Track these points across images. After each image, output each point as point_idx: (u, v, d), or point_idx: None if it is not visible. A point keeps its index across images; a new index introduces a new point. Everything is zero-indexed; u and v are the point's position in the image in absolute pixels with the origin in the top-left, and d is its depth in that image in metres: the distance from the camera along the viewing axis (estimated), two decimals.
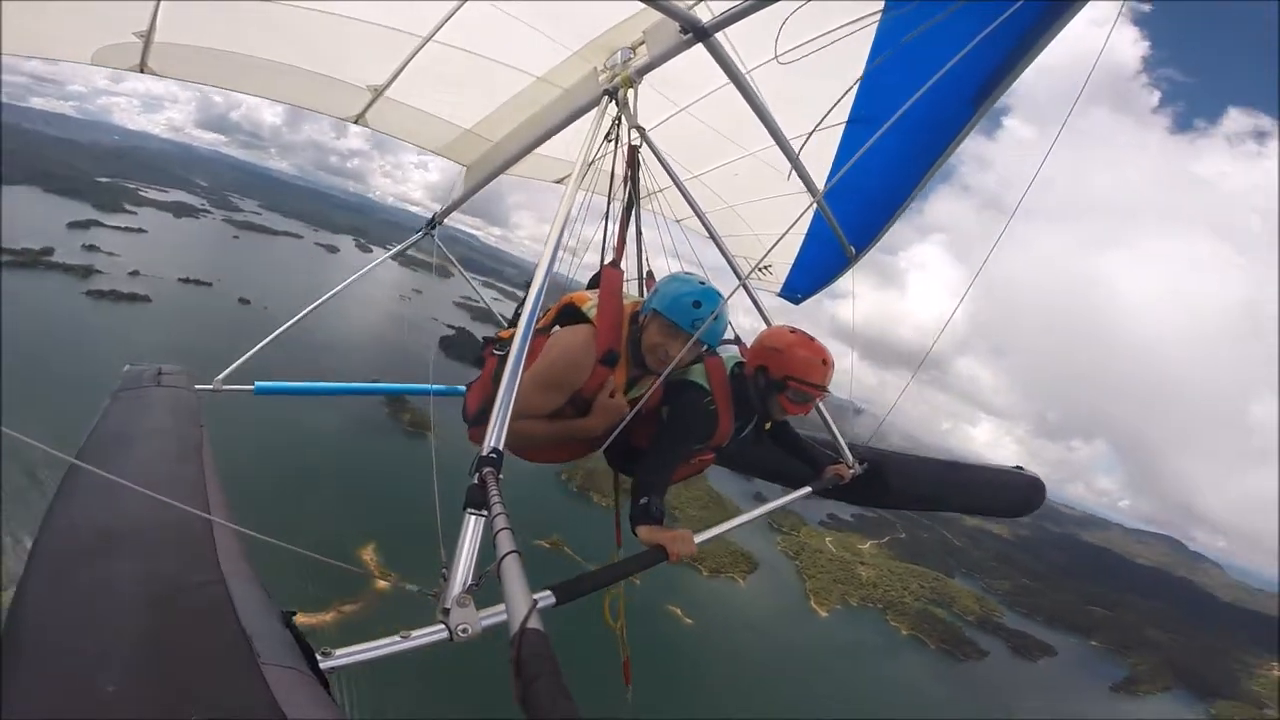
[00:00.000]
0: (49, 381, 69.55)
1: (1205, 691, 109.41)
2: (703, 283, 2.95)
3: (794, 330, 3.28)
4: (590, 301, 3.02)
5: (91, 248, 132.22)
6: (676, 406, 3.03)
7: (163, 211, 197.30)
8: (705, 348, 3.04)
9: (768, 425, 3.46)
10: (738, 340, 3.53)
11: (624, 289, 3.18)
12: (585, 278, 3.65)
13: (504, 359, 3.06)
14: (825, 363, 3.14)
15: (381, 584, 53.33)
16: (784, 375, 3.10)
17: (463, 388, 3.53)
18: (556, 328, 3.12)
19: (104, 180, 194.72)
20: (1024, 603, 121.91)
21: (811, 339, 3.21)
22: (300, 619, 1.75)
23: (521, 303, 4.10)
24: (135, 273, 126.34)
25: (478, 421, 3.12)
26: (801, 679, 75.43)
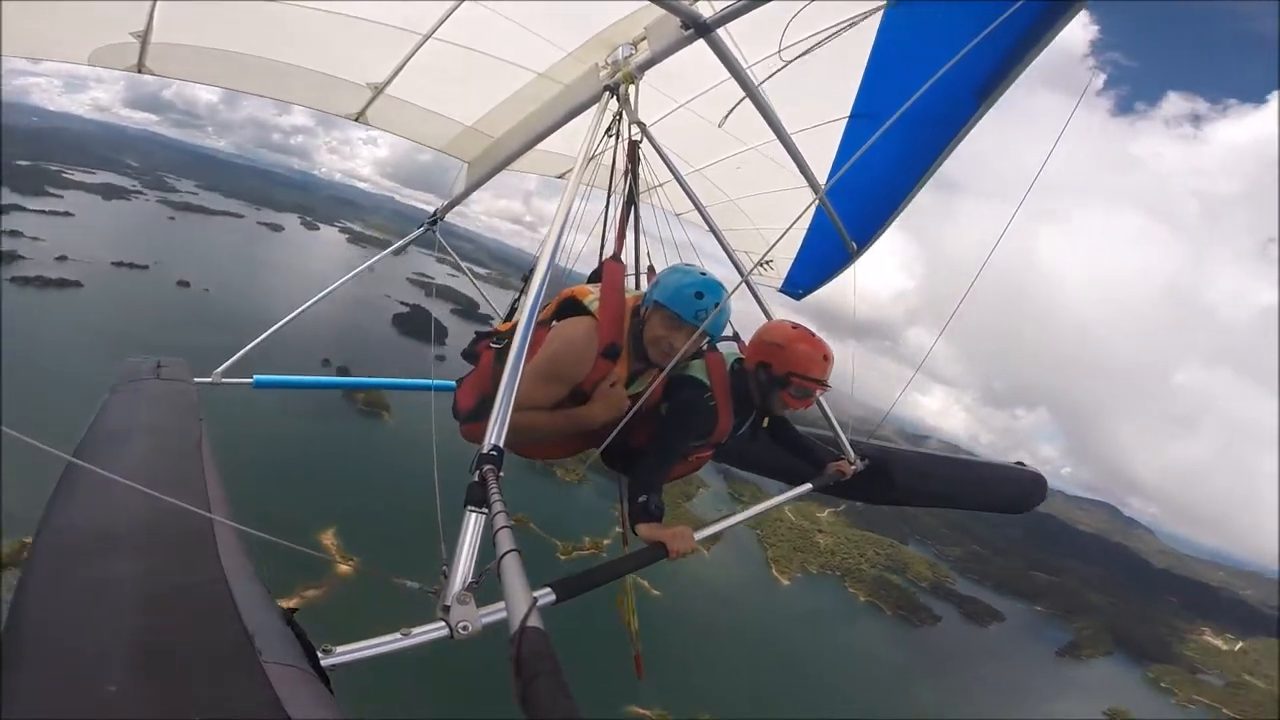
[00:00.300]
0: None
1: (1143, 655, 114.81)
2: (704, 273, 2.93)
3: (795, 325, 3.27)
4: (592, 295, 2.98)
5: (14, 233, 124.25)
6: (675, 402, 3.00)
7: (90, 194, 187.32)
8: (708, 340, 3.01)
9: (765, 422, 3.44)
10: (736, 337, 3.50)
11: (625, 283, 3.15)
12: (576, 268, 3.62)
13: (501, 352, 3.01)
14: (826, 358, 3.14)
15: (343, 568, 53.39)
16: (787, 371, 3.09)
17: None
18: (554, 322, 3.09)
19: (24, 164, 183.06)
20: (974, 569, 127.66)
21: (812, 334, 3.20)
22: None
23: (519, 296, 4.02)
24: (63, 258, 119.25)
25: (473, 417, 3.08)
26: (766, 648, 77.10)
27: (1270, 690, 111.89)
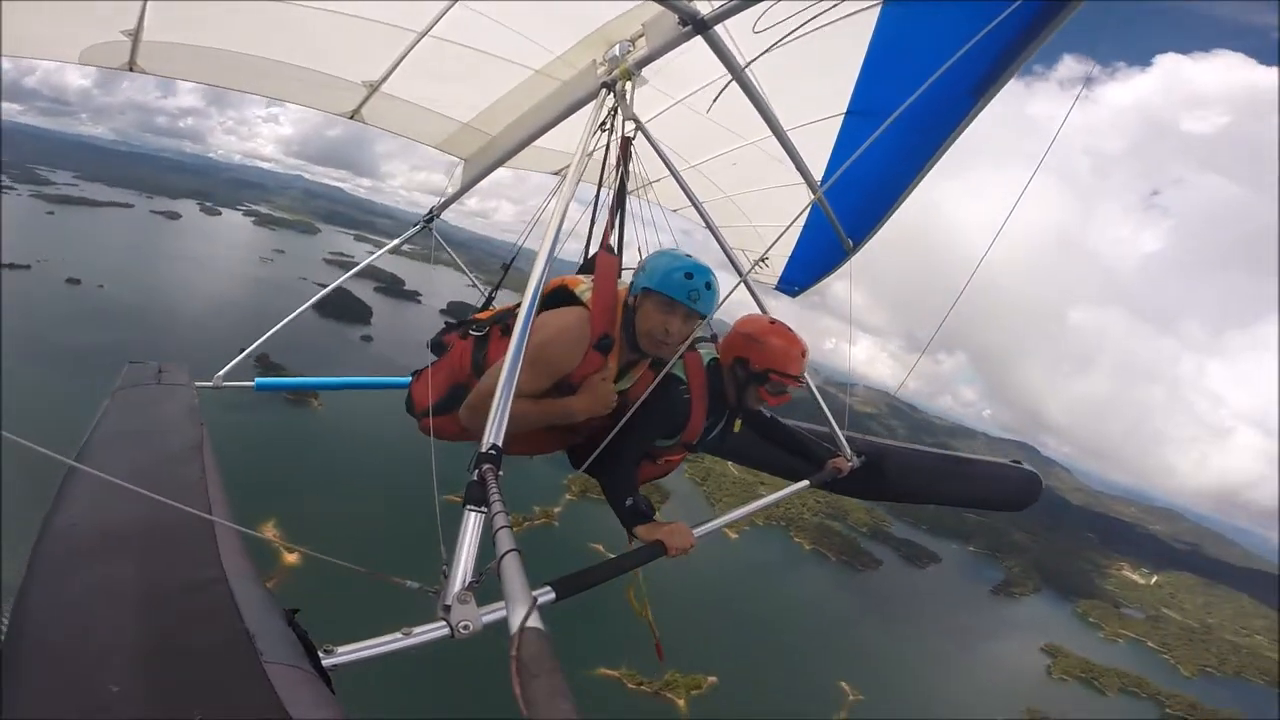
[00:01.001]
0: None
1: (1069, 591, 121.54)
2: (688, 256, 2.86)
3: (772, 320, 3.25)
4: (584, 284, 2.91)
5: None
6: (649, 394, 2.90)
7: None
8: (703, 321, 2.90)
9: (737, 425, 3.39)
10: (714, 338, 3.43)
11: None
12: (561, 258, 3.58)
13: (481, 340, 2.95)
14: (803, 354, 3.13)
15: (290, 558, 53.73)
16: (765, 368, 3.06)
17: None
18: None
19: None
20: (910, 512, 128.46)
21: (788, 329, 3.17)
22: None
23: (496, 286, 4.05)
24: None
25: (442, 410, 2.97)
26: (720, 603, 78.24)
27: (1186, 622, 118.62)
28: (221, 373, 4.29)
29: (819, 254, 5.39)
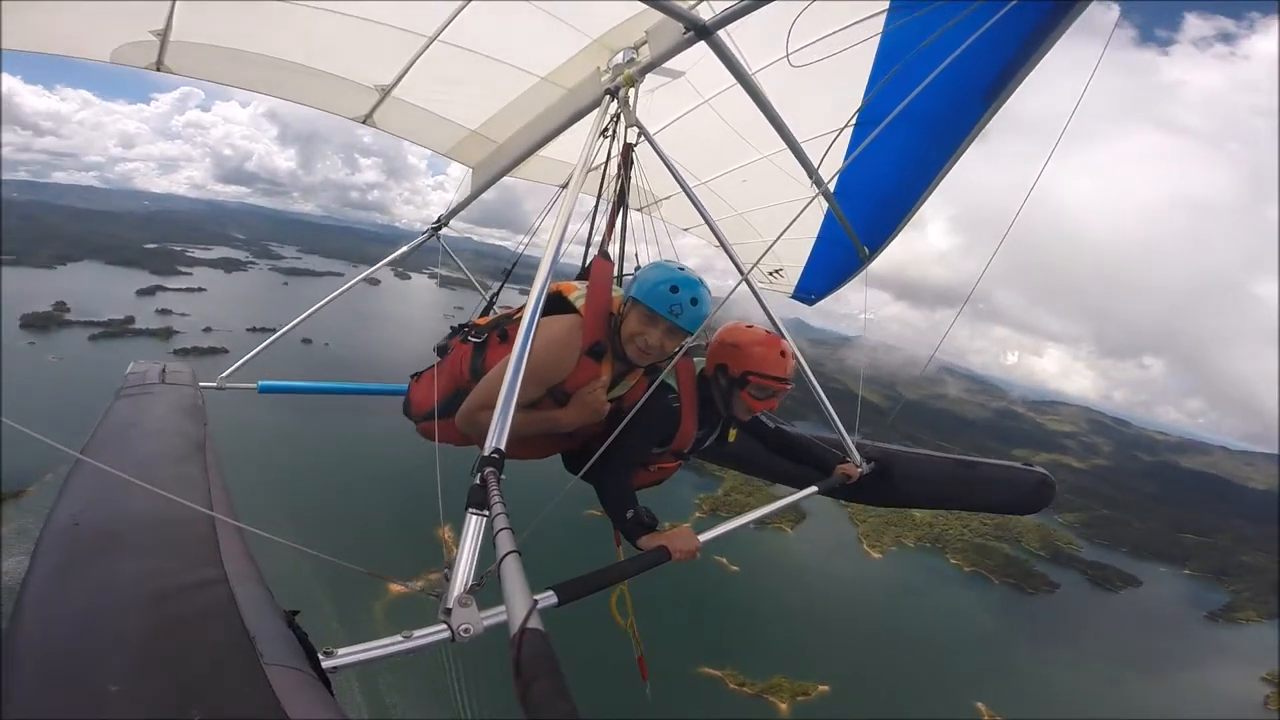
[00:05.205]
0: None
1: None
2: (683, 268, 2.85)
3: (750, 325, 3.22)
4: (578, 291, 2.91)
5: (164, 311, 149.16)
6: (640, 402, 2.87)
7: (214, 269, 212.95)
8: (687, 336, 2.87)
9: (732, 434, 3.36)
10: (705, 347, 3.40)
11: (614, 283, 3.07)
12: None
13: (480, 347, 2.96)
14: (784, 354, 3.08)
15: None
16: (743, 371, 3.03)
17: None
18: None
19: (152, 246, 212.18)
20: (1104, 534, 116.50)
21: (768, 332, 3.14)
22: None
23: (495, 293, 4.12)
24: (208, 329, 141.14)
25: (443, 413, 2.99)
26: (847, 615, 74.71)
27: None
28: (225, 374, 4.34)
29: (834, 262, 5.38)
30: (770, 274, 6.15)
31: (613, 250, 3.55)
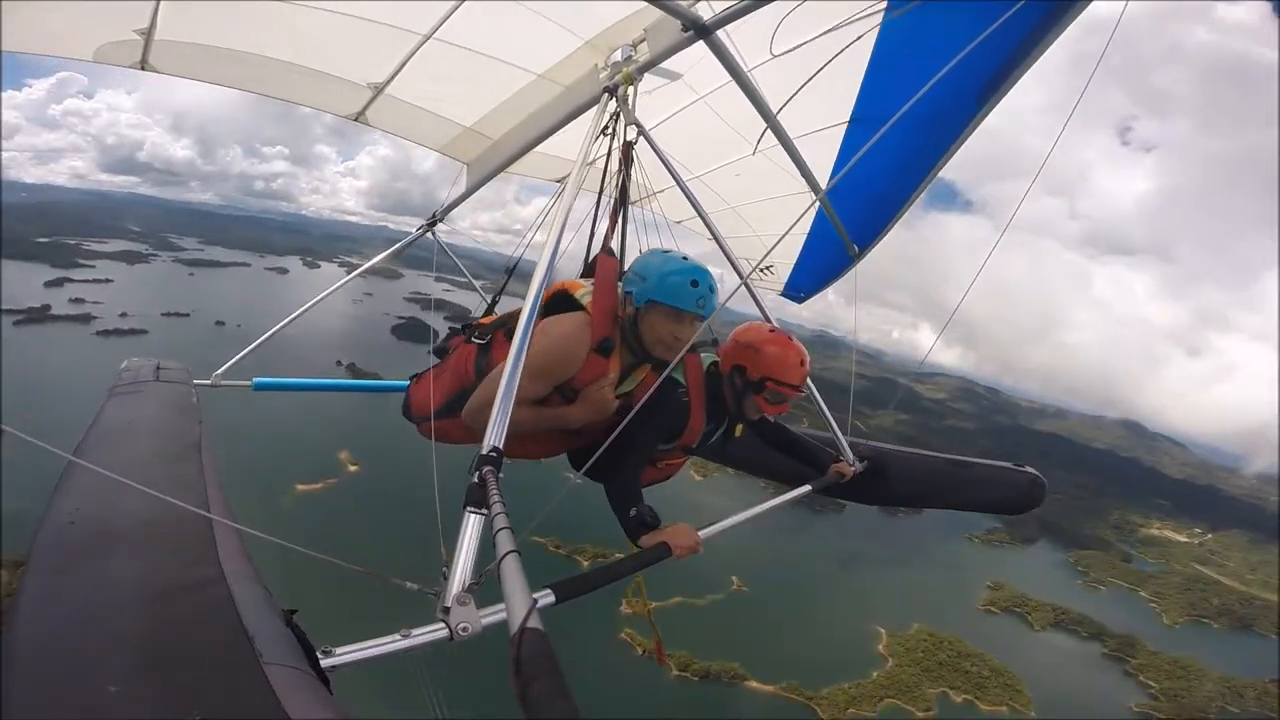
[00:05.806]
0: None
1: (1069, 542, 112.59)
2: (685, 258, 2.85)
3: (772, 329, 3.22)
4: (584, 289, 2.92)
5: (78, 300, 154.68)
6: (647, 397, 2.85)
7: (115, 261, 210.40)
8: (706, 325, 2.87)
9: (738, 430, 3.37)
10: (715, 342, 3.41)
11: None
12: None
13: (484, 347, 2.96)
14: (802, 363, 3.09)
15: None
16: (762, 376, 3.03)
17: None
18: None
19: (44, 240, 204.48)
20: None
21: (789, 337, 3.14)
22: None
23: (497, 293, 4.09)
24: (124, 314, 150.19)
25: (443, 414, 2.99)
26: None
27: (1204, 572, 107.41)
28: (219, 371, 4.31)
29: (824, 260, 5.39)
30: (760, 271, 6.17)
31: (614, 246, 3.55)
